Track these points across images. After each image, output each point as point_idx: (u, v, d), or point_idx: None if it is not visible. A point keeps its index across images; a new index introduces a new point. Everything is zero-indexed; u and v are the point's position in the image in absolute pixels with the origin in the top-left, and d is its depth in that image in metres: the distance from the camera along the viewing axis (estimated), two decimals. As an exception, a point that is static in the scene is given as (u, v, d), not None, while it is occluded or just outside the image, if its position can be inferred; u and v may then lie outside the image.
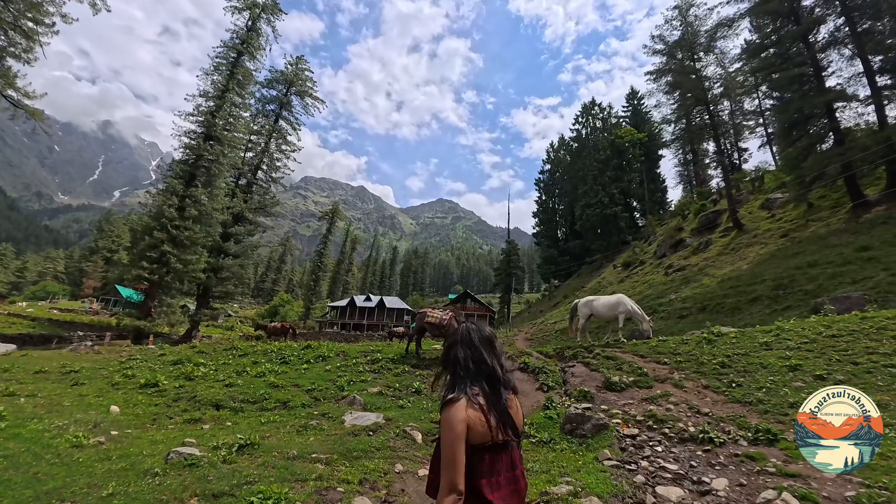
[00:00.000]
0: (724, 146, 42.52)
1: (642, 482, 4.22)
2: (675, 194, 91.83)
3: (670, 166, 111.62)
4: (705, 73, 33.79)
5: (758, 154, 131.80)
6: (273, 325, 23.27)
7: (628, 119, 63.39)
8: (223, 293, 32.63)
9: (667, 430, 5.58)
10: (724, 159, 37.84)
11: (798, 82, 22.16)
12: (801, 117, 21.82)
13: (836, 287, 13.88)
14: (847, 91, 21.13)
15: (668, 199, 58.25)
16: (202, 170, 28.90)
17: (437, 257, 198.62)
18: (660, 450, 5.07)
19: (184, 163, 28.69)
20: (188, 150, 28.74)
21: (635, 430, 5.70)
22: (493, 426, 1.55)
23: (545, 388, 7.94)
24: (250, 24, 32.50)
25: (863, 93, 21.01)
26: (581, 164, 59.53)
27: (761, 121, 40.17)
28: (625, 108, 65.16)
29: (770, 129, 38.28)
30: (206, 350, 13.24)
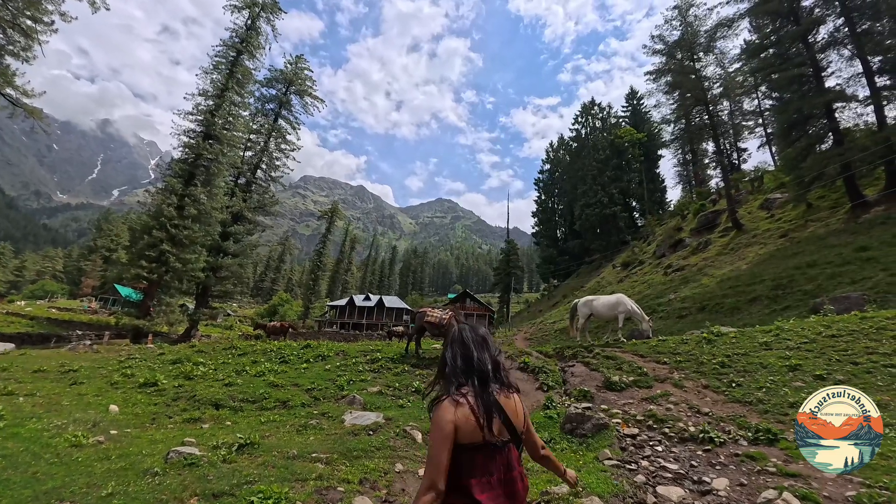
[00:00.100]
0: (724, 146, 42.58)
1: (643, 482, 4.21)
2: (674, 194, 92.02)
3: (669, 166, 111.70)
4: (705, 73, 33.89)
5: (757, 154, 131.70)
6: (272, 324, 23.25)
7: (628, 119, 63.45)
8: (222, 292, 32.57)
9: (667, 430, 5.57)
10: (723, 159, 37.91)
11: (797, 83, 22.19)
12: (801, 117, 21.86)
13: (836, 287, 13.90)
14: (846, 91, 21.19)
15: (668, 199, 58.41)
16: (201, 169, 28.85)
17: (437, 257, 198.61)
18: (660, 449, 5.07)
19: (183, 162, 28.63)
20: (187, 149, 28.69)
21: (635, 430, 5.69)
22: (483, 426, 1.52)
23: (545, 387, 7.94)
24: (250, 22, 32.45)
25: (862, 93, 21.10)
26: (580, 163, 59.58)
27: (761, 121, 40.26)
28: (624, 108, 65.22)
29: (769, 130, 38.36)
30: (206, 349, 13.22)
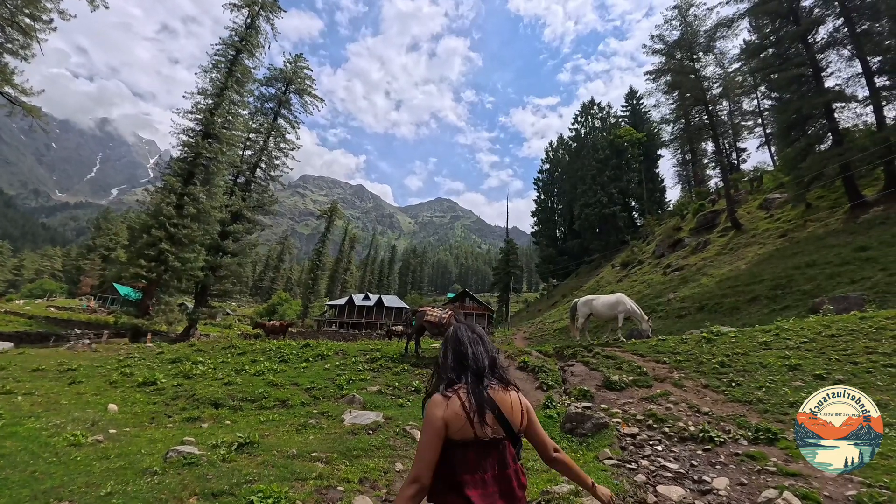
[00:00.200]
0: (723, 146, 42.63)
1: (643, 481, 4.21)
2: (673, 194, 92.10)
3: (669, 166, 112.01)
4: (704, 73, 33.93)
5: (756, 154, 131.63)
6: (271, 323, 23.24)
7: (627, 119, 63.48)
8: (221, 291, 32.54)
9: (667, 430, 5.57)
10: (722, 159, 37.97)
11: (797, 83, 22.22)
12: (800, 118, 21.88)
13: (835, 287, 13.93)
14: (846, 92, 21.22)
15: (667, 199, 58.44)
16: (200, 168, 28.80)
17: (436, 256, 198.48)
18: (660, 449, 5.07)
19: (182, 161, 28.57)
20: (186, 148, 28.62)
21: (635, 429, 5.69)
22: (474, 422, 1.51)
23: (545, 386, 7.92)
24: (249, 21, 32.38)
25: (861, 93, 21.15)
26: (580, 163, 59.58)
27: (760, 121, 40.29)
28: (624, 107, 65.25)
29: (769, 130, 38.40)
30: (205, 348, 13.19)
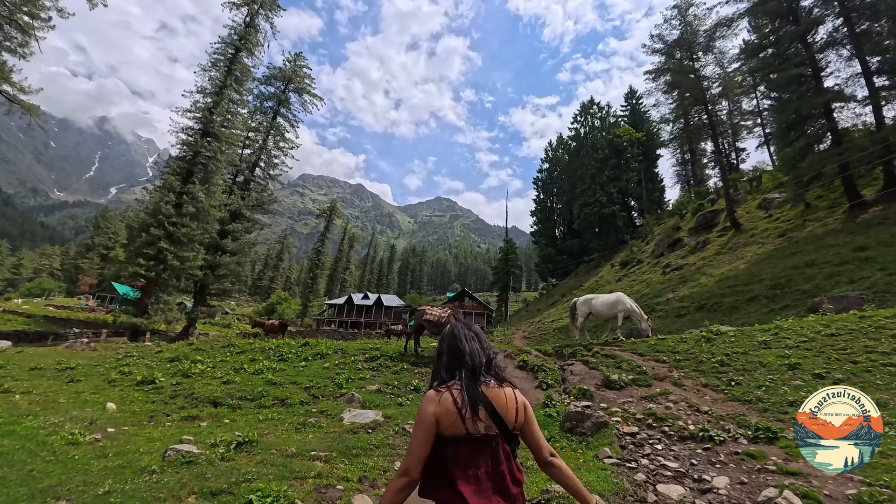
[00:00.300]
0: (722, 146, 42.66)
1: (643, 480, 4.20)
2: (672, 194, 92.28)
3: (668, 166, 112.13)
4: (704, 72, 33.94)
5: (756, 154, 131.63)
6: (270, 322, 23.23)
7: (627, 118, 63.45)
8: (220, 290, 32.48)
9: (666, 429, 5.57)
10: (721, 159, 38.04)
11: (796, 82, 22.22)
12: (799, 117, 21.88)
13: (834, 287, 13.94)
14: (845, 91, 21.21)
15: (666, 199, 58.47)
16: (199, 166, 28.75)
17: (435, 256, 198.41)
18: (660, 448, 5.06)
19: (181, 159, 28.50)
20: (185, 147, 28.55)
21: (635, 429, 5.69)
22: (466, 417, 1.51)
23: (544, 385, 7.92)
24: (248, 20, 32.30)
25: (861, 93, 21.14)
26: (579, 163, 59.59)
27: (759, 121, 40.31)
28: (623, 107, 65.22)
29: (768, 129, 38.42)
30: (204, 347, 13.17)
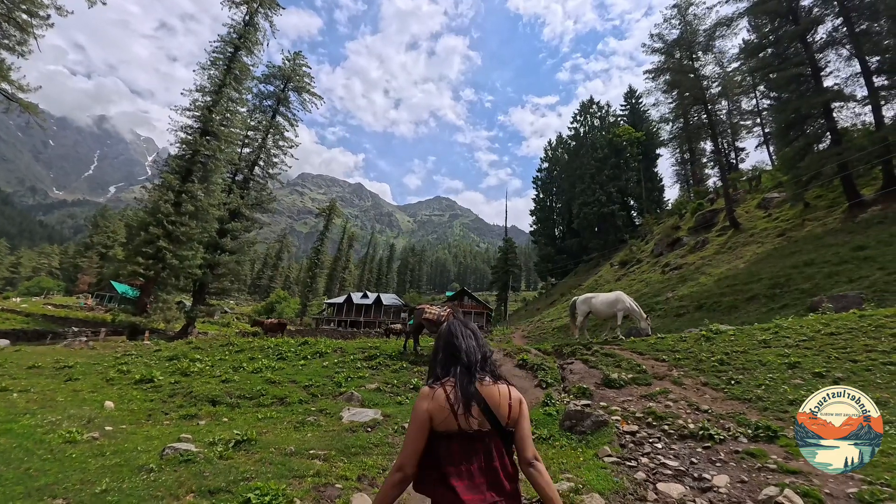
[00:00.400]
0: (722, 145, 42.63)
1: (643, 479, 4.19)
2: (672, 193, 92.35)
3: (668, 165, 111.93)
4: (703, 72, 33.95)
5: (755, 153, 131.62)
6: (270, 321, 23.18)
7: (626, 118, 63.43)
8: (219, 289, 32.43)
9: (666, 427, 5.56)
10: (721, 158, 38.02)
11: (796, 82, 22.21)
12: (799, 117, 21.88)
13: (833, 286, 13.94)
14: (844, 91, 21.21)
15: (666, 198, 58.45)
16: (198, 165, 28.70)
17: (434, 255, 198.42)
18: (660, 446, 5.05)
19: (180, 158, 28.45)
20: (184, 146, 28.51)
21: (635, 427, 5.68)
22: (458, 413, 1.53)
23: (544, 384, 7.90)
24: (247, 18, 32.25)
25: (860, 93, 21.13)
26: (579, 162, 59.56)
27: (759, 120, 40.34)
28: (623, 106, 65.20)
29: (767, 129, 38.47)
30: (202, 346, 13.15)
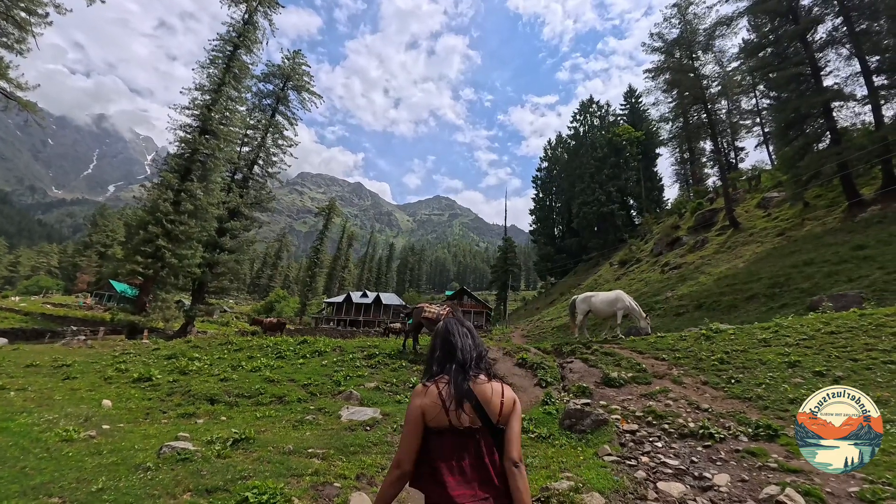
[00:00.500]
0: (721, 145, 42.62)
1: (643, 478, 4.17)
2: (671, 193, 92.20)
3: (667, 165, 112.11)
4: (703, 71, 33.95)
5: (755, 153, 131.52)
6: (269, 320, 23.19)
7: (626, 117, 63.41)
8: (218, 288, 32.35)
9: (666, 426, 5.55)
10: (720, 158, 37.99)
11: (795, 82, 22.19)
12: (798, 117, 21.86)
13: (833, 285, 13.93)
14: (844, 91, 21.19)
15: (665, 198, 58.49)
16: (198, 164, 28.63)
17: (434, 254, 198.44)
18: (660, 445, 5.04)
19: (179, 157, 28.37)
20: (184, 144, 28.41)
21: (635, 426, 5.66)
22: (450, 410, 1.57)
23: (543, 383, 7.88)
24: (247, 17, 32.13)
25: (860, 92, 21.11)
26: (578, 161, 59.53)
27: (758, 120, 40.36)
28: (622, 106, 65.18)
29: (767, 129, 38.48)
30: (201, 345, 13.10)
